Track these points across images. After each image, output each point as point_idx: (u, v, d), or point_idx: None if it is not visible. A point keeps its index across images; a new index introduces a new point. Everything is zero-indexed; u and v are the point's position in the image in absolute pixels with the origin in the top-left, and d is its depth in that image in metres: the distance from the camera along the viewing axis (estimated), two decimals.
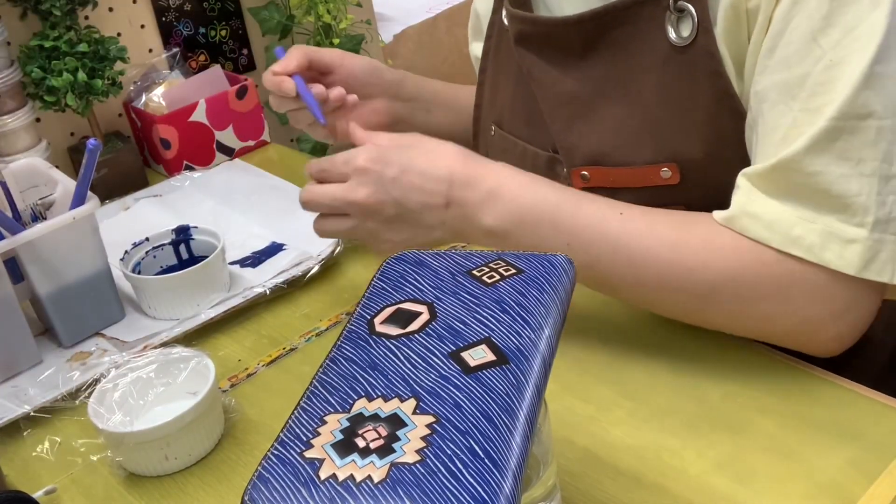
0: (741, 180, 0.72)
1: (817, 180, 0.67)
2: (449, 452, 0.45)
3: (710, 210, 0.74)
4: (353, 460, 0.45)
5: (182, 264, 1.00)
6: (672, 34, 0.74)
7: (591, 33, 0.79)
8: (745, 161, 0.74)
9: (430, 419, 0.47)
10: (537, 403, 0.50)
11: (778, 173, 0.69)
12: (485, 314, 0.54)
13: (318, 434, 0.48)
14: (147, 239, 0.99)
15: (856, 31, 0.65)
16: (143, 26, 1.38)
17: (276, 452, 0.47)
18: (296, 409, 0.50)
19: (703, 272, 0.72)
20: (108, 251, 0.95)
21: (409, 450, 0.45)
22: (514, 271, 0.58)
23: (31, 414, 0.83)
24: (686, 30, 0.74)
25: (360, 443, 0.46)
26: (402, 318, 0.55)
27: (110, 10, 1.34)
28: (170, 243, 1.00)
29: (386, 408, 0.48)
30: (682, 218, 0.75)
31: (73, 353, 0.92)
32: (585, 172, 0.82)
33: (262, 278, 0.98)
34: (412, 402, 0.48)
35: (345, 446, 0.46)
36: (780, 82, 0.69)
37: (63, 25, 1.21)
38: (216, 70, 1.32)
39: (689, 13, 0.73)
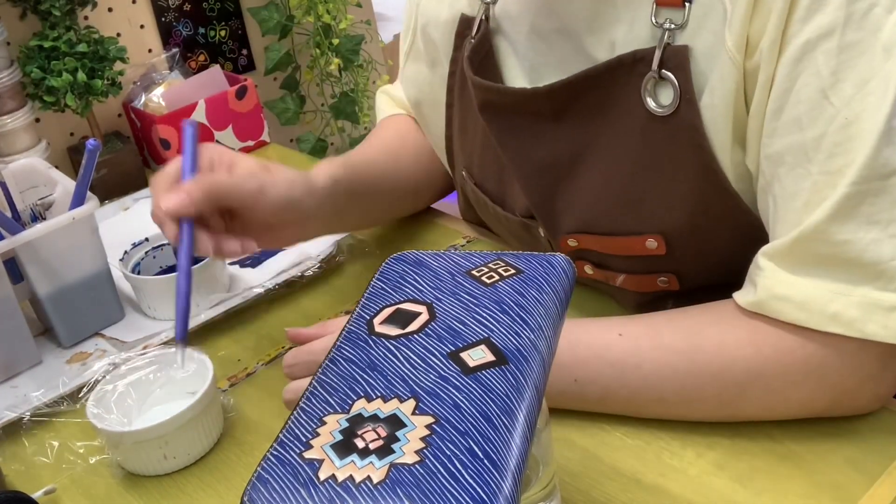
0: (763, 261, 0.67)
1: (846, 249, 0.62)
2: (448, 453, 0.45)
3: (700, 277, 0.71)
4: (352, 461, 0.45)
5: None
6: (651, 102, 0.70)
7: (563, 101, 0.75)
8: (734, 230, 0.71)
9: (430, 420, 0.47)
10: (537, 404, 0.50)
11: (802, 246, 0.64)
12: (484, 314, 0.54)
13: (318, 435, 0.48)
14: (147, 239, 0.99)
15: (869, 84, 0.61)
16: (142, 26, 1.38)
17: (275, 453, 0.47)
18: (295, 409, 0.50)
19: (726, 375, 0.67)
20: (107, 251, 0.95)
21: (408, 450, 0.45)
22: (513, 271, 0.57)
23: (31, 414, 0.83)
24: (666, 98, 0.69)
25: (360, 443, 0.46)
26: (402, 318, 0.55)
27: (110, 10, 1.34)
28: (170, 243, 1.00)
29: (385, 408, 0.48)
30: (688, 322, 0.70)
31: (72, 353, 0.92)
32: (573, 241, 0.79)
33: (262, 278, 0.98)
34: (411, 403, 0.48)
35: (344, 447, 0.46)
36: (794, 145, 0.64)
37: (63, 25, 1.21)
38: (216, 70, 1.32)
39: (671, 81, 0.69)
